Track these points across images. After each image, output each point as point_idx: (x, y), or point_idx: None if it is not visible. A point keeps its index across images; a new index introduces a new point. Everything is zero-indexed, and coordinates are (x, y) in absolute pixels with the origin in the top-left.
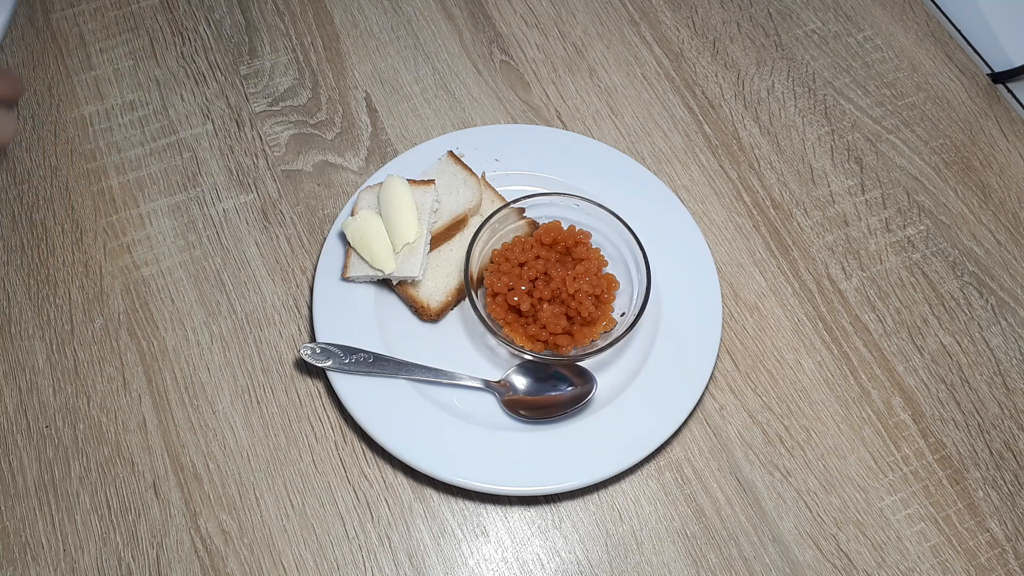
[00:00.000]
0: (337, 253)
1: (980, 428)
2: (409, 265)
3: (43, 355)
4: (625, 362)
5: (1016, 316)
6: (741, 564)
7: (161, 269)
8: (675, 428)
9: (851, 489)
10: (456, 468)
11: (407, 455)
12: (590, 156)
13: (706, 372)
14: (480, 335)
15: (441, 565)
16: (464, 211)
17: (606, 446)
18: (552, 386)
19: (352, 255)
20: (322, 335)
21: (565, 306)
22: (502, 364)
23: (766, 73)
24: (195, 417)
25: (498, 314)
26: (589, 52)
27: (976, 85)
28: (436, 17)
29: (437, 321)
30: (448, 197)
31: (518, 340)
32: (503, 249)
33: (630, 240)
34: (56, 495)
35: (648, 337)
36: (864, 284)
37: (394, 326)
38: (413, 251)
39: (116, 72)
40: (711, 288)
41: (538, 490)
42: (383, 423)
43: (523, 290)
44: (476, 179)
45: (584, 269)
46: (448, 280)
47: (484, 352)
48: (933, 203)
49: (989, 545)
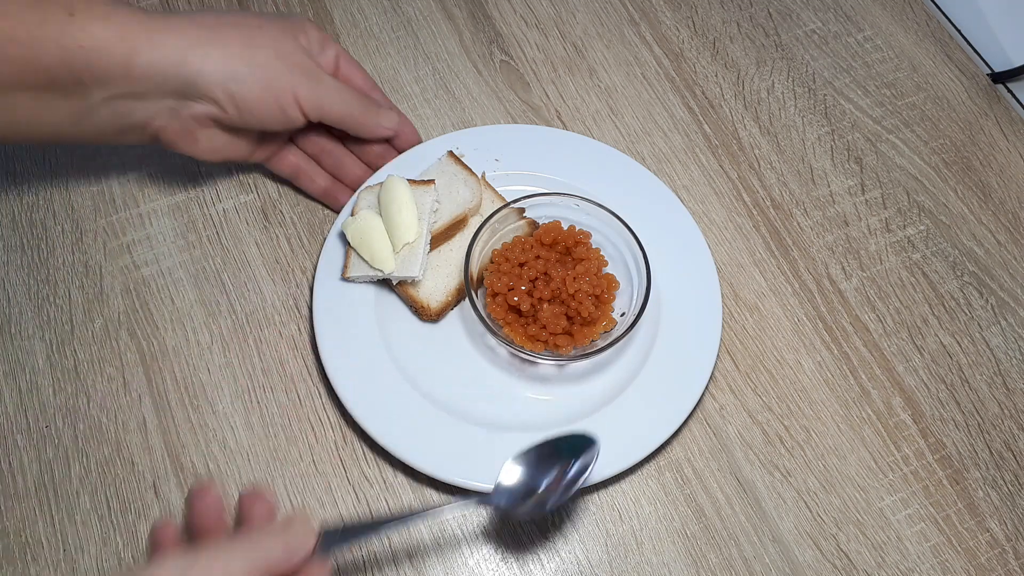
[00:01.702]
0: (337, 253)
1: (980, 428)
2: (409, 265)
3: (43, 355)
4: (625, 362)
5: (1016, 316)
6: (741, 564)
7: (161, 269)
8: (674, 429)
9: (851, 489)
10: (457, 469)
11: (407, 455)
12: (589, 156)
13: (706, 372)
14: (480, 335)
15: (441, 565)
16: (464, 211)
17: (606, 447)
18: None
19: (352, 255)
20: (322, 336)
21: (565, 306)
22: (501, 364)
23: (766, 73)
24: (195, 417)
25: (498, 314)
26: (589, 52)
27: (976, 85)
28: (436, 17)
29: (437, 321)
30: (448, 197)
31: (518, 340)
32: (503, 249)
33: (630, 240)
34: (56, 495)
35: (648, 337)
36: (864, 284)
37: (394, 326)
38: (413, 251)
39: None
40: (711, 288)
41: None
42: (383, 423)
43: (523, 290)
44: (476, 179)
45: (584, 269)
46: (448, 280)
47: (484, 352)
48: (933, 203)
49: (989, 545)
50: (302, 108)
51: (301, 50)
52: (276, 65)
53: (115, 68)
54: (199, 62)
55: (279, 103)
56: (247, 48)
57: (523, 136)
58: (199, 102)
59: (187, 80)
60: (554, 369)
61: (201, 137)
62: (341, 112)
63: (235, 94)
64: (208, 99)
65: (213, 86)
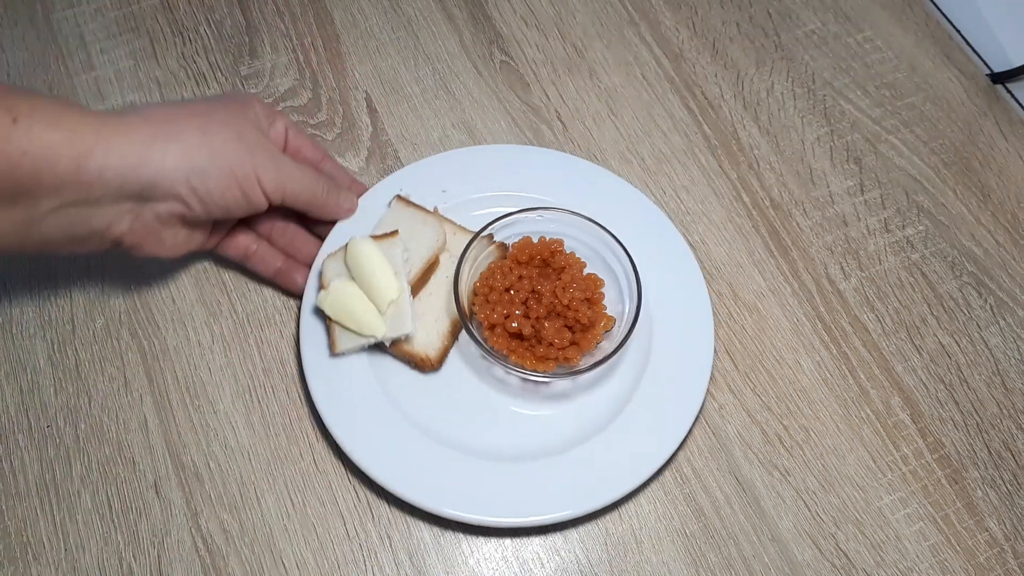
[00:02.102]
0: (315, 330)
1: (979, 428)
2: (400, 323)
3: (44, 354)
4: (629, 362)
5: (1015, 316)
6: (740, 563)
7: (162, 268)
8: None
9: (850, 488)
10: (495, 508)
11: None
12: (533, 164)
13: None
14: (486, 369)
15: (441, 564)
16: (434, 252)
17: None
18: None
19: (336, 329)
20: (329, 416)
21: (563, 318)
22: (513, 392)
23: (766, 73)
24: (196, 417)
25: (501, 345)
26: (589, 52)
27: (976, 85)
28: (436, 17)
29: (439, 369)
30: (414, 242)
31: (528, 364)
32: (484, 279)
33: (599, 233)
34: (57, 495)
35: (644, 336)
36: (863, 284)
37: (400, 389)
38: (400, 308)
39: (117, 72)
40: (694, 280)
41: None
42: (413, 483)
43: (518, 314)
44: (434, 216)
45: (570, 277)
46: (438, 324)
47: (494, 384)
48: (932, 203)
49: (988, 544)
50: (265, 192)
51: (256, 129)
52: (237, 149)
53: (65, 175)
54: (159, 160)
55: (243, 190)
56: (204, 136)
57: (461, 160)
58: (163, 202)
59: (148, 181)
60: (568, 383)
61: (166, 237)
62: (305, 196)
63: (198, 188)
64: (172, 197)
65: (176, 183)
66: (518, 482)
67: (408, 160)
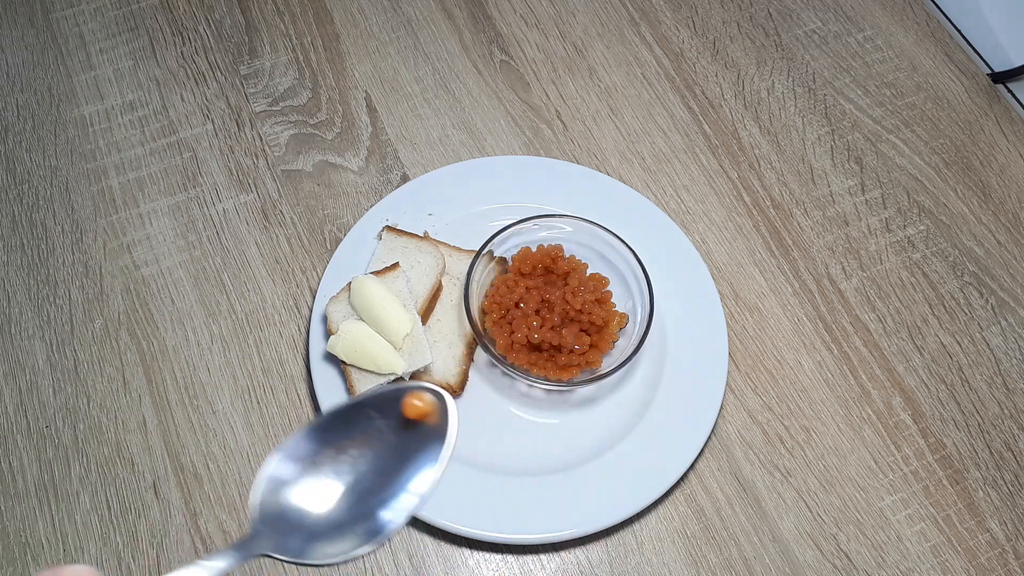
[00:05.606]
0: (330, 376)
1: (980, 428)
2: (418, 355)
3: (43, 355)
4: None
5: (1016, 316)
6: (741, 564)
7: (161, 269)
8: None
9: (851, 489)
10: (531, 524)
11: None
12: (514, 173)
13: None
14: (508, 385)
15: (441, 565)
16: (436, 278)
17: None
18: None
19: (353, 372)
20: None
21: (578, 322)
22: (538, 403)
23: (766, 73)
24: (195, 417)
25: (521, 360)
26: (589, 52)
27: (976, 85)
28: (436, 17)
29: (461, 394)
30: (415, 271)
31: (553, 375)
32: (490, 297)
33: (595, 231)
34: (56, 495)
35: (658, 349)
36: (864, 284)
37: None
38: (415, 340)
39: (116, 72)
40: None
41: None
42: (456, 511)
43: (535, 326)
44: (427, 242)
45: (578, 280)
46: (453, 350)
47: (519, 399)
48: (933, 203)
49: (989, 545)
50: None
51: None
52: None
53: None
54: None
55: None
56: None
57: (440, 180)
58: None
59: None
60: (593, 388)
61: None
62: None
63: None
64: None
65: None
66: (541, 497)
67: (408, 160)
